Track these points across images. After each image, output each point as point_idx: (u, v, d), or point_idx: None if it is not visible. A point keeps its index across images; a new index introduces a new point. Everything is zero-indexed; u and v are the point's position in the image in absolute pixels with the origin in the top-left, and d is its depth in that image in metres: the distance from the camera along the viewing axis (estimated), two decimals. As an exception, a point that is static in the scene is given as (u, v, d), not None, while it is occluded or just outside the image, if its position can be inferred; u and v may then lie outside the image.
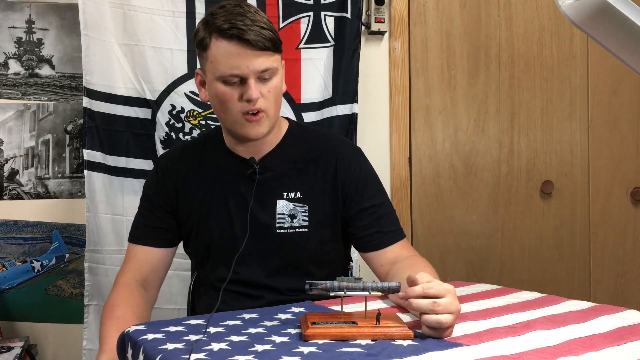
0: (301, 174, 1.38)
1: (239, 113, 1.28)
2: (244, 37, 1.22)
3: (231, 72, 1.24)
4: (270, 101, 1.29)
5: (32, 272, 2.14)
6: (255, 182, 1.35)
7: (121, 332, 1.06)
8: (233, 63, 1.24)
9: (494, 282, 1.49)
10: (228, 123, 1.32)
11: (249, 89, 1.25)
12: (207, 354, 0.87)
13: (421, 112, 2.42)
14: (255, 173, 1.35)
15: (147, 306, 1.37)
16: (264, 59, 1.25)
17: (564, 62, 2.47)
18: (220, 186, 1.39)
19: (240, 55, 1.23)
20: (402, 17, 2.38)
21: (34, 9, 2.14)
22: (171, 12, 2.05)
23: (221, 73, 1.26)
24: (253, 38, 1.22)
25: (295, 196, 1.37)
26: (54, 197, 2.16)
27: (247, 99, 1.25)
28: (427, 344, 0.92)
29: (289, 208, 1.36)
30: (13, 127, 2.14)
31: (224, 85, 1.27)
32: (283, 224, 1.35)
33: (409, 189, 2.40)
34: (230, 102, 1.27)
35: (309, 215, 1.36)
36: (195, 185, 1.40)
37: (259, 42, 1.23)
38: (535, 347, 0.89)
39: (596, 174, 2.48)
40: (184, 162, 1.44)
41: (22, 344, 1.92)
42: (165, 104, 2.06)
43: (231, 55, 1.24)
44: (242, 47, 1.23)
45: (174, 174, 1.42)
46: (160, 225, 1.42)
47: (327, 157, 1.40)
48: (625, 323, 1.02)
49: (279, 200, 1.36)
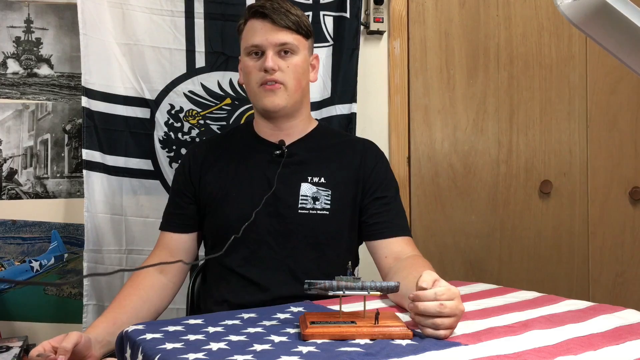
0: (327, 162, 1.45)
1: (257, 84, 1.39)
2: (268, 14, 1.37)
3: (252, 43, 1.38)
4: (290, 76, 1.39)
5: (30, 271, 2.13)
6: (281, 164, 1.41)
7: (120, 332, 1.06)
8: (255, 35, 1.38)
9: (493, 281, 1.49)
10: (251, 96, 1.43)
11: (266, 58, 1.36)
12: (206, 353, 0.87)
13: (420, 111, 2.42)
14: (282, 155, 1.42)
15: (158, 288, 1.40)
16: (283, 34, 1.37)
17: (563, 61, 2.47)
18: (244, 168, 1.45)
19: (262, 29, 1.38)
20: (401, 17, 2.38)
21: (33, 9, 2.14)
22: (170, 11, 2.05)
23: (245, 46, 1.41)
24: (276, 16, 1.37)
25: (320, 181, 1.42)
26: (53, 197, 2.16)
27: (265, 68, 1.36)
28: (425, 343, 0.92)
29: (312, 191, 1.41)
30: (12, 126, 2.13)
31: (248, 58, 1.40)
32: (305, 205, 1.40)
33: (407, 188, 2.40)
34: (251, 73, 1.39)
35: (331, 199, 1.41)
36: (219, 167, 1.47)
37: (281, 19, 1.37)
38: (534, 346, 0.89)
39: (595, 174, 2.48)
40: (211, 148, 1.52)
41: (20, 344, 1.92)
42: (164, 103, 2.06)
43: (255, 30, 1.39)
44: (265, 22, 1.38)
45: (199, 159, 1.50)
46: (182, 212, 1.48)
47: (353, 150, 1.49)
48: (623, 322, 1.02)
49: (303, 183, 1.41)
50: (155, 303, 1.38)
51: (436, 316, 0.95)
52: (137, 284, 1.38)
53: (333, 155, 1.47)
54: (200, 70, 2.08)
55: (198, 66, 2.08)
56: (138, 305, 1.33)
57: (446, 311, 0.94)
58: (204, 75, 2.08)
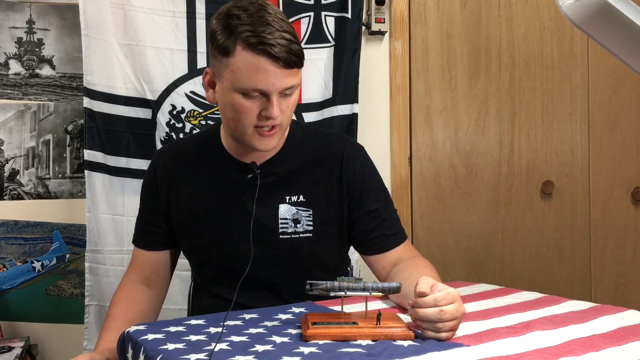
0: (304, 178, 1.33)
1: (251, 126, 1.21)
2: (275, 54, 1.14)
3: (255, 87, 1.16)
4: (287, 115, 1.23)
5: (32, 272, 2.14)
6: (257, 187, 1.29)
7: (121, 332, 1.06)
8: (259, 78, 1.15)
9: (495, 282, 1.49)
10: (237, 133, 1.24)
11: (272, 107, 1.17)
12: (208, 354, 0.87)
13: (421, 112, 2.42)
14: (257, 178, 1.30)
15: (151, 301, 1.38)
16: (291, 78, 1.18)
17: (565, 62, 2.47)
18: (217, 192, 1.34)
19: (267, 72, 1.15)
20: (402, 17, 2.38)
21: (35, 9, 2.14)
22: (171, 12, 2.05)
23: (243, 86, 1.17)
24: (283, 56, 1.14)
25: (298, 200, 1.32)
26: (55, 197, 2.16)
27: (267, 116, 1.18)
28: (427, 344, 0.92)
29: (292, 212, 1.31)
30: (14, 127, 2.14)
31: (243, 97, 1.18)
32: (286, 229, 1.31)
33: (409, 189, 2.40)
34: (247, 114, 1.19)
35: (313, 219, 1.31)
36: (189, 189, 1.36)
37: (288, 60, 1.15)
38: (536, 347, 0.89)
39: (597, 174, 2.48)
40: (177, 161, 1.38)
41: (22, 344, 1.92)
42: (165, 104, 2.06)
43: (258, 70, 1.15)
44: (271, 64, 1.14)
45: (167, 176, 1.38)
46: (155, 230, 1.40)
47: (331, 159, 1.35)
48: (625, 323, 1.02)
49: (282, 205, 1.31)
50: (152, 316, 1.37)
51: (437, 322, 0.94)
52: (131, 297, 1.34)
53: (310, 168, 1.34)
54: (201, 71, 2.08)
55: (199, 66, 2.08)
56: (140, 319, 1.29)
57: (447, 316, 0.93)
58: (205, 75, 2.09)
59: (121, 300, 1.33)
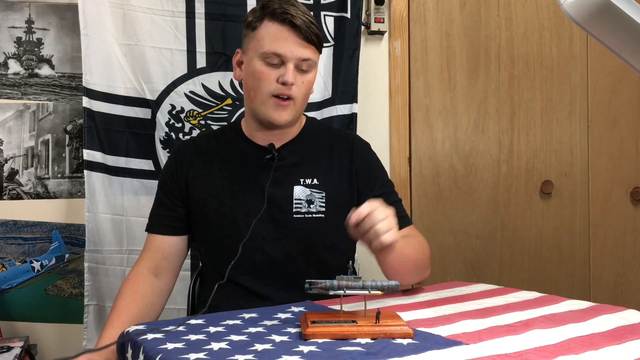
0: (318, 162, 1.43)
1: (270, 94, 1.32)
2: (296, 23, 1.28)
3: (275, 50, 1.29)
4: (302, 92, 1.34)
5: (31, 272, 2.14)
6: (273, 168, 1.37)
7: (121, 332, 1.06)
8: (279, 43, 1.29)
9: (494, 282, 1.49)
10: (255, 103, 1.35)
11: (287, 72, 1.30)
12: (207, 353, 0.87)
13: (421, 112, 2.42)
14: (273, 159, 1.39)
15: (157, 293, 1.39)
16: (308, 50, 1.31)
17: (564, 62, 2.47)
18: (235, 172, 1.41)
19: (287, 38, 1.29)
20: (401, 17, 2.38)
21: (34, 9, 2.14)
22: (171, 12, 2.05)
23: (265, 50, 1.30)
24: (304, 28, 1.29)
25: (312, 182, 1.40)
26: (54, 197, 2.16)
27: (282, 82, 1.30)
28: (427, 342, 0.92)
29: (306, 194, 1.39)
30: (13, 127, 2.13)
31: (264, 63, 1.31)
32: (300, 209, 1.38)
33: (408, 188, 2.40)
34: (265, 80, 1.31)
35: (326, 201, 1.39)
36: (208, 171, 1.43)
37: (307, 32, 1.29)
38: (535, 345, 0.89)
39: (596, 174, 2.48)
40: (198, 150, 1.47)
41: (21, 344, 1.92)
42: (165, 104, 2.06)
43: (279, 36, 1.29)
44: (291, 31, 1.29)
45: (187, 161, 1.45)
46: (171, 214, 1.44)
47: (341, 146, 1.46)
48: (624, 322, 1.02)
49: (296, 186, 1.39)
50: (157, 308, 1.38)
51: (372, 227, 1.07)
52: (137, 289, 1.35)
53: (323, 155, 1.44)
54: (201, 71, 2.09)
55: (199, 66, 2.08)
56: (144, 312, 1.32)
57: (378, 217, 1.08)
58: (204, 75, 2.09)
59: (127, 292, 1.35)
